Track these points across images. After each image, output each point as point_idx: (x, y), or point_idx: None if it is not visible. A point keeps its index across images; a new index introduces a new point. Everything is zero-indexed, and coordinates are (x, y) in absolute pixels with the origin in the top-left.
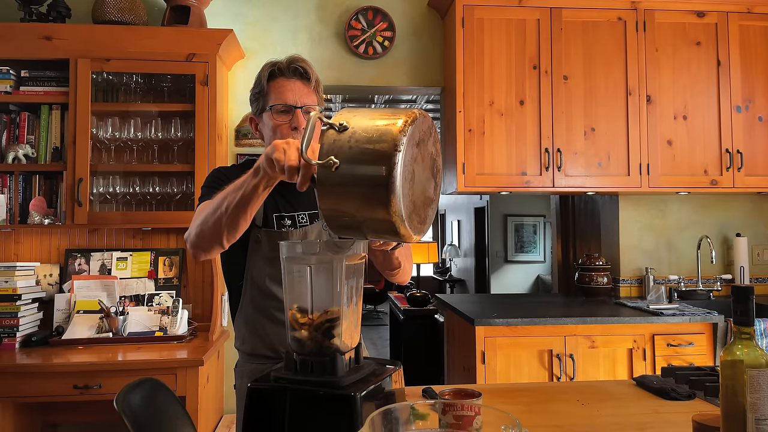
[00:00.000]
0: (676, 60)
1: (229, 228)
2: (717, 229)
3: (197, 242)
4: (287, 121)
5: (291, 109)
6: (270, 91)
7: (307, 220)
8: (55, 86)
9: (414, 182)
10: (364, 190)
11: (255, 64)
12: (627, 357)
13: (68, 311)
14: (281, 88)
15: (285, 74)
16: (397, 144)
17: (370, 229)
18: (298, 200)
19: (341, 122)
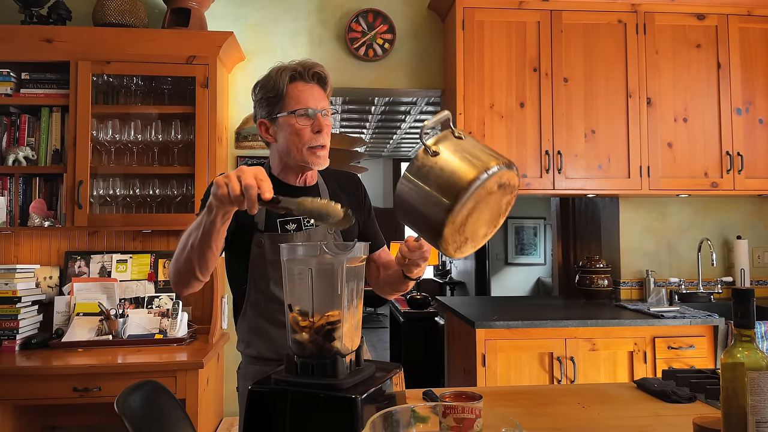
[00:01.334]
0: (677, 62)
1: (199, 264)
2: (717, 232)
3: (176, 280)
4: (309, 125)
5: (312, 113)
6: (289, 95)
7: (312, 223)
8: (55, 88)
9: (474, 213)
10: (436, 192)
11: (255, 66)
12: (628, 360)
13: (68, 314)
14: (302, 93)
15: (305, 79)
16: (488, 168)
17: (421, 222)
18: None
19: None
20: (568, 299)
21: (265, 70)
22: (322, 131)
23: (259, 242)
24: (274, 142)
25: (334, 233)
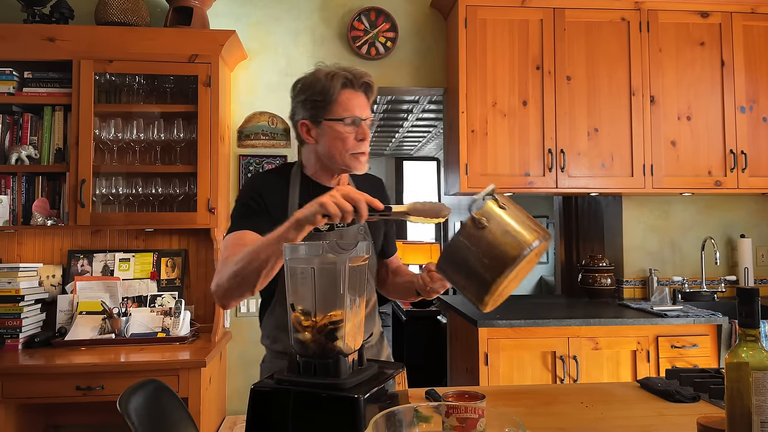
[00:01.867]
0: (680, 60)
1: (266, 278)
2: (721, 231)
3: (231, 294)
4: (354, 133)
5: (357, 121)
6: (338, 101)
7: (344, 224)
8: (58, 87)
9: (511, 279)
10: (481, 267)
11: (257, 64)
12: (631, 359)
13: (71, 312)
14: (350, 101)
15: (354, 87)
16: (530, 244)
17: (465, 286)
18: None
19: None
20: (571, 298)
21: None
22: (366, 139)
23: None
24: (313, 144)
25: (365, 233)
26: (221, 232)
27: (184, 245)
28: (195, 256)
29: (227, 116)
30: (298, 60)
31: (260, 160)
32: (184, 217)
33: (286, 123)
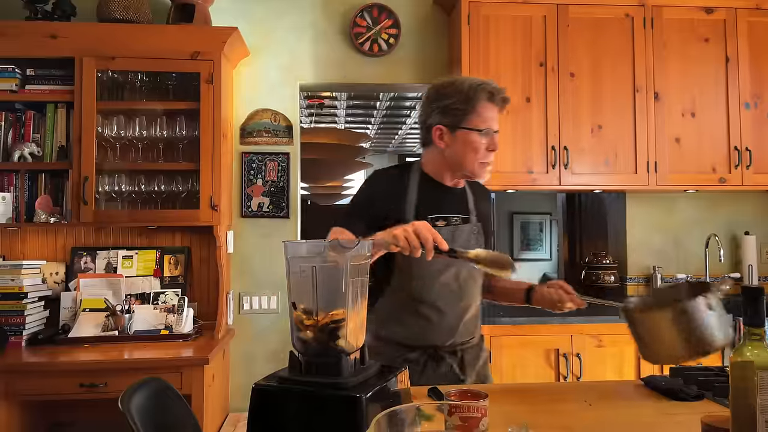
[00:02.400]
0: (684, 57)
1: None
2: (725, 228)
3: None
4: (486, 143)
5: (491, 133)
6: (478, 112)
7: (460, 222)
8: (60, 85)
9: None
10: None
11: (260, 61)
12: (634, 356)
13: (74, 309)
14: (488, 113)
15: (494, 100)
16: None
17: (650, 340)
18: (452, 204)
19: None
20: None
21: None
22: (496, 149)
23: None
24: (443, 148)
25: (478, 233)
26: (224, 229)
27: (187, 242)
28: (198, 254)
29: (230, 113)
30: (301, 57)
31: (263, 158)
32: (187, 214)
33: (289, 120)
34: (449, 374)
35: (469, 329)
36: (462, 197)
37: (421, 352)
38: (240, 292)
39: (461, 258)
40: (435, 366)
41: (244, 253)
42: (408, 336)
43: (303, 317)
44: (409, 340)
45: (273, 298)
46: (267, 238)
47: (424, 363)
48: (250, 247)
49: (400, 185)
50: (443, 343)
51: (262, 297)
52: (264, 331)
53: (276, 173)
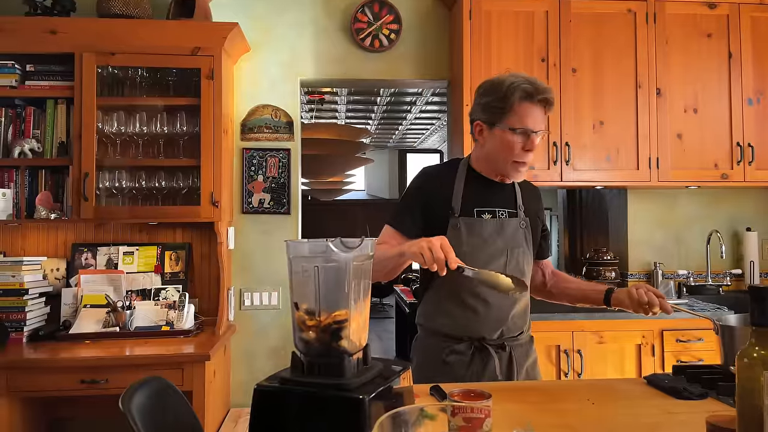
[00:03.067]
0: (687, 52)
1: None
2: (727, 224)
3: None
4: (522, 142)
5: (528, 132)
6: (515, 111)
7: (506, 216)
8: (60, 80)
9: None
10: None
11: (260, 57)
12: (635, 353)
13: (75, 305)
14: (526, 113)
15: (533, 100)
16: None
17: None
18: (499, 198)
19: None
20: None
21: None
22: (532, 150)
23: (455, 225)
24: (482, 144)
25: (526, 228)
26: (225, 225)
27: (188, 239)
28: (199, 250)
29: (230, 109)
30: (301, 52)
31: (263, 154)
32: (188, 210)
33: (290, 116)
34: (496, 373)
35: (517, 324)
36: (510, 192)
37: (468, 344)
38: (241, 288)
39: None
40: (483, 361)
41: (245, 249)
42: (455, 327)
43: (305, 317)
44: (455, 331)
45: (274, 294)
46: (268, 234)
47: (471, 355)
48: (251, 244)
49: (447, 179)
50: (490, 336)
51: (263, 293)
52: (265, 327)
53: (277, 169)
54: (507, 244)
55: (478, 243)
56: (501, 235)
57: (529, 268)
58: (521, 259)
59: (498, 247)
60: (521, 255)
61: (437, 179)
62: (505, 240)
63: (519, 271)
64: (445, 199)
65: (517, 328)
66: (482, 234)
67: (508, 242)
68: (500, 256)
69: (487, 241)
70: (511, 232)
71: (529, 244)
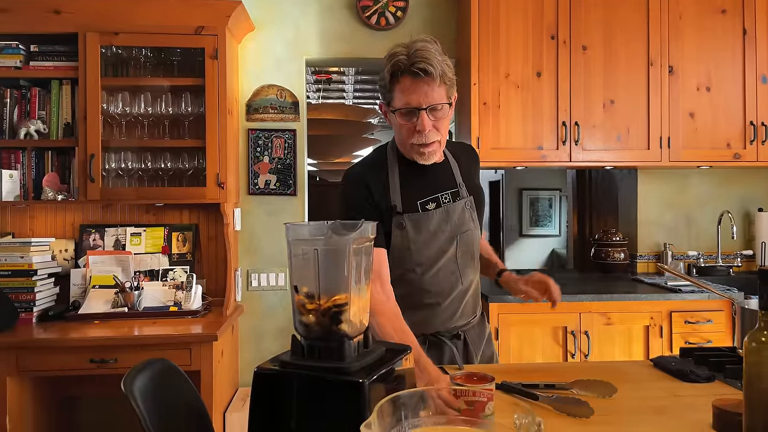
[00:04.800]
0: (701, 29)
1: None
2: (738, 204)
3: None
4: (410, 123)
5: (415, 111)
6: (394, 90)
7: (450, 199)
8: (64, 61)
9: None
10: None
11: (265, 36)
12: (643, 334)
13: (84, 286)
14: (405, 90)
15: (411, 72)
16: None
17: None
18: (439, 180)
19: None
20: (583, 272)
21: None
22: (424, 131)
23: (400, 224)
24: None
25: (471, 207)
26: (231, 206)
27: (195, 220)
28: (206, 231)
29: (235, 89)
30: (306, 31)
31: (269, 134)
32: (194, 191)
33: (295, 96)
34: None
35: (469, 310)
36: (446, 169)
37: (422, 338)
38: (248, 269)
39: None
40: (438, 353)
41: (251, 230)
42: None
43: (305, 301)
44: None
45: (281, 275)
46: (274, 215)
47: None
48: (258, 225)
49: (379, 175)
50: (445, 328)
51: (270, 274)
52: (273, 308)
53: (282, 150)
54: (455, 230)
55: (426, 238)
56: (448, 222)
57: (477, 245)
58: (470, 241)
59: (447, 236)
60: (469, 236)
61: (371, 179)
62: (452, 227)
63: (469, 253)
64: (384, 197)
65: (470, 314)
66: (429, 228)
67: (455, 228)
68: (450, 245)
69: (436, 234)
70: (458, 217)
71: (475, 222)
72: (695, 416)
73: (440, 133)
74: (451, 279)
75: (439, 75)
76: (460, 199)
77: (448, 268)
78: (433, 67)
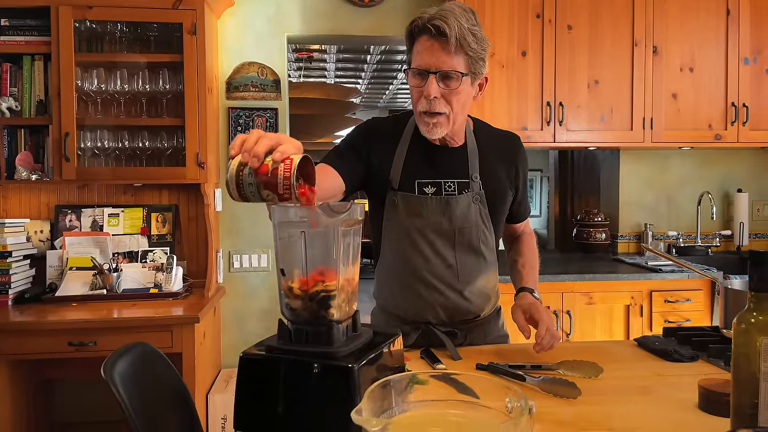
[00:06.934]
0: (685, 9)
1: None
2: (718, 185)
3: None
4: (420, 87)
5: (424, 74)
6: (415, 48)
7: (455, 189)
8: (36, 35)
9: None
10: None
11: (245, 11)
12: (624, 313)
13: (61, 268)
14: (422, 47)
15: (428, 32)
16: None
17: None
18: (449, 166)
19: None
20: (565, 253)
21: (256, 17)
22: (429, 96)
23: (392, 201)
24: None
25: (480, 202)
26: (211, 187)
27: (174, 200)
28: (186, 212)
29: (215, 67)
30: (288, 7)
31: (250, 113)
32: (173, 171)
33: (276, 74)
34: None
35: (468, 309)
36: (460, 157)
37: (412, 326)
38: (230, 251)
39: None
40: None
41: (233, 211)
42: (395, 307)
43: (292, 285)
44: (397, 311)
45: (263, 256)
46: None
47: (416, 339)
48: (239, 206)
49: (391, 140)
50: (438, 321)
51: (252, 255)
52: (255, 289)
53: (264, 129)
54: (455, 224)
55: (419, 224)
56: (447, 214)
57: (486, 243)
58: (474, 237)
59: (444, 228)
60: (474, 233)
61: (382, 137)
62: (452, 220)
63: (473, 251)
64: (385, 165)
65: (470, 313)
66: (422, 213)
67: (456, 222)
68: (447, 239)
69: (431, 222)
70: (462, 211)
71: (486, 220)
72: (680, 395)
73: (450, 107)
74: (447, 274)
75: (456, 38)
76: (468, 192)
77: (445, 261)
78: (449, 28)
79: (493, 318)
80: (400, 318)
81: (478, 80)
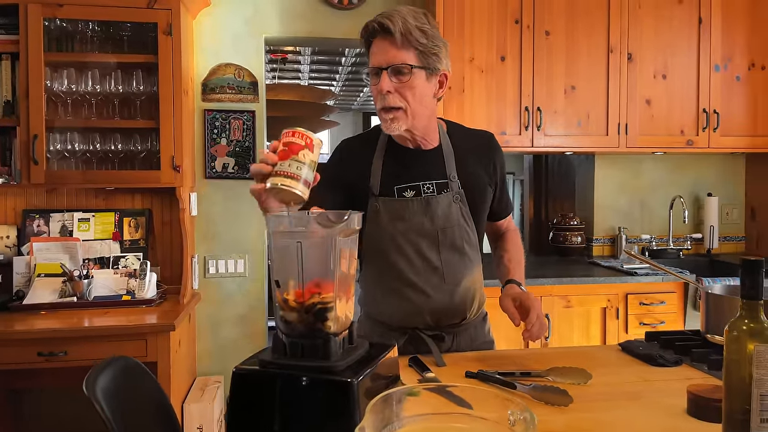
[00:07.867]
0: (659, 17)
1: None
2: (690, 189)
3: None
4: (377, 85)
5: (378, 72)
6: (371, 51)
7: (434, 190)
8: (4, 34)
9: None
10: None
11: (221, 12)
12: (600, 316)
13: (28, 275)
14: (374, 49)
15: (377, 33)
16: None
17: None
18: (425, 169)
19: None
20: (540, 256)
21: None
22: (381, 91)
23: (374, 207)
24: None
25: (461, 201)
26: (187, 191)
27: (148, 205)
28: (160, 216)
29: (190, 68)
30: (266, 8)
31: (226, 115)
32: (147, 175)
33: (254, 76)
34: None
35: (457, 311)
36: (437, 158)
37: (399, 332)
38: (205, 256)
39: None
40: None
41: (208, 215)
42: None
43: (287, 297)
44: (382, 317)
45: (240, 261)
46: (233, 200)
47: (403, 344)
48: (215, 210)
49: (366, 152)
50: (426, 325)
51: (228, 260)
52: (231, 295)
53: (241, 132)
54: (437, 224)
55: (402, 227)
56: (429, 214)
57: (469, 242)
58: (457, 237)
59: (426, 229)
60: (456, 232)
61: (356, 152)
62: (434, 220)
63: (457, 251)
64: (363, 176)
65: (457, 316)
66: (404, 216)
67: (438, 222)
68: (430, 239)
69: (413, 225)
70: (443, 210)
71: (467, 218)
72: (668, 401)
73: (406, 101)
74: (433, 276)
75: (400, 33)
76: (447, 192)
77: (430, 264)
78: (393, 24)
79: (480, 323)
80: (386, 325)
81: (436, 76)
